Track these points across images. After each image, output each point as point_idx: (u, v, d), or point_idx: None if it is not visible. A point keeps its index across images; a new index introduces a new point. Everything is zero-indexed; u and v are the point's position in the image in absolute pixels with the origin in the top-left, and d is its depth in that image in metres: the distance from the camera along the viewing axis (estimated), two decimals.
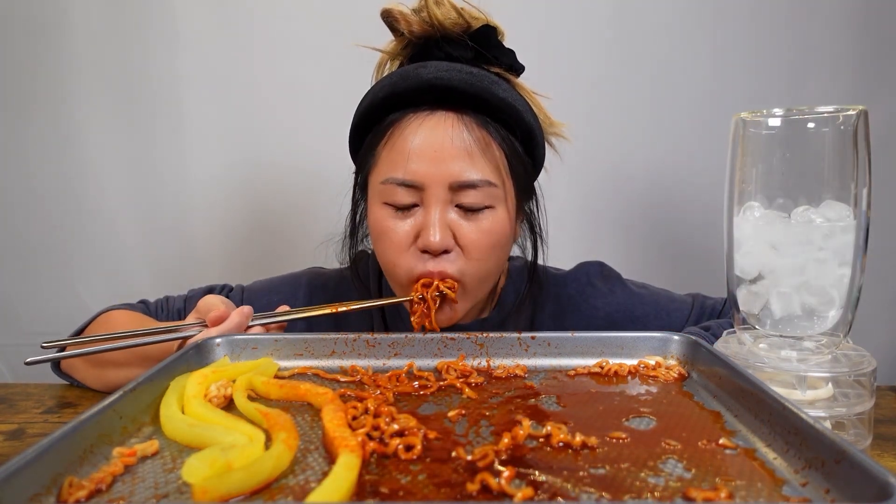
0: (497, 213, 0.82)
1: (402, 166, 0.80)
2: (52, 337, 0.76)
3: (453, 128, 0.80)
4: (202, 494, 0.41)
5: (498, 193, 0.82)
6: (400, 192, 0.80)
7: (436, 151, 0.79)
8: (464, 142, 0.79)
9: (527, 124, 0.84)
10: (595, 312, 0.97)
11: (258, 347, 0.71)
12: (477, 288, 0.86)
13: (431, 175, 0.79)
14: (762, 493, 0.42)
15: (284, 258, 1.29)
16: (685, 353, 0.68)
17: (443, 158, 0.79)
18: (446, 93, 0.80)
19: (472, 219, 0.81)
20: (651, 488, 0.43)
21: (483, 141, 0.81)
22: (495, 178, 0.81)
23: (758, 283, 0.62)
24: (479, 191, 0.80)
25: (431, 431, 0.52)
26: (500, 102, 0.81)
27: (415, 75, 0.81)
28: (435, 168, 0.79)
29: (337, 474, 0.43)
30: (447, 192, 0.80)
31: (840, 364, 0.60)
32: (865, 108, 0.58)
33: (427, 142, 0.79)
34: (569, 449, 0.49)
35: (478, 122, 0.81)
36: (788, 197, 0.61)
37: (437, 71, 0.80)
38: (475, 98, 0.80)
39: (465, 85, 0.79)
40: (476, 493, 0.42)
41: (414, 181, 0.79)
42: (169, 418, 0.53)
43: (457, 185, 0.79)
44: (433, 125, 0.80)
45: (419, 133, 0.80)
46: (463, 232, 0.81)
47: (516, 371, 0.67)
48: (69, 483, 0.43)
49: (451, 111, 0.81)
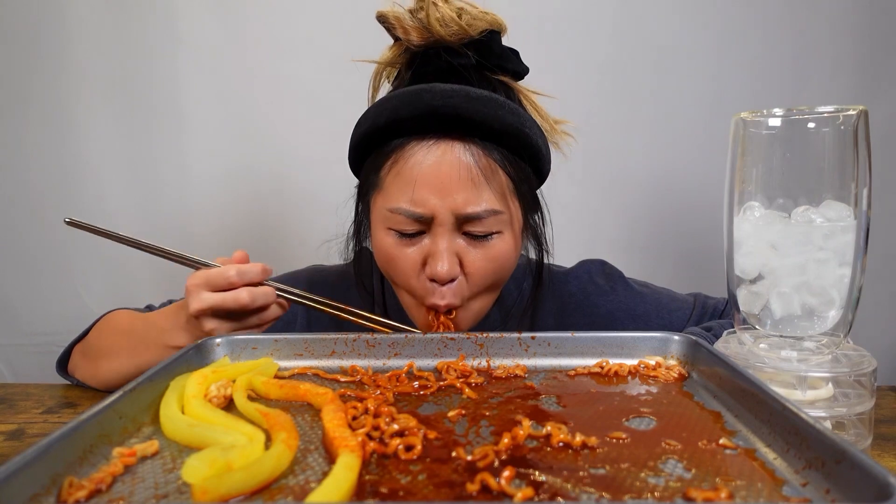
0: (503, 238, 0.82)
1: (408, 196, 0.78)
2: (52, 337, 0.76)
3: (459, 158, 0.78)
4: (202, 495, 0.41)
5: (504, 219, 0.81)
6: (407, 221, 0.79)
7: (442, 182, 0.77)
8: (470, 172, 0.78)
9: (533, 145, 0.82)
10: (596, 310, 0.97)
11: (258, 347, 0.71)
12: (477, 308, 0.87)
13: (438, 206, 0.78)
14: (762, 493, 0.42)
15: (285, 259, 1.29)
16: (685, 354, 0.68)
17: (449, 189, 0.77)
18: (452, 120, 0.77)
19: (478, 246, 0.81)
20: (651, 488, 0.43)
21: (489, 168, 0.79)
22: (501, 205, 0.80)
23: (758, 283, 0.62)
24: (485, 221, 0.79)
25: (431, 431, 0.52)
26: (507, 128, 0.78)
27: (418, 100, 0.77)
28: (441, 199, 0.77)
29: (337, 474, 0.43)
30: (453, 221, 0.79)
31: (840, 364, 0.60)
32: (866, 107, 0.58)
33: (433, 172, 0.77)
34: (569, 449, 0.49)
35: (484, 150, 0.79)
36: (789, 197, 0.61)
37: (442, 97, 0.77)
38: (482, 125, 0.77)
39: (472, 113, 0.76)
40: (476, 494, 0.42)
41: (422, 214, 0.78)
42: (169, 418, 0.53)
43: (463, 218, 0.78)
44: (440, 155, 0.78)
45: (425, 162, 0.78)
46: (469, 259, 0.81)
47: (516, 371, 0.67)
48: (69, 483, 0.43)
49: (456, 139, 0.78)
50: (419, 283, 0.82)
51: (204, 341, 0.69)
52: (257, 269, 0.77)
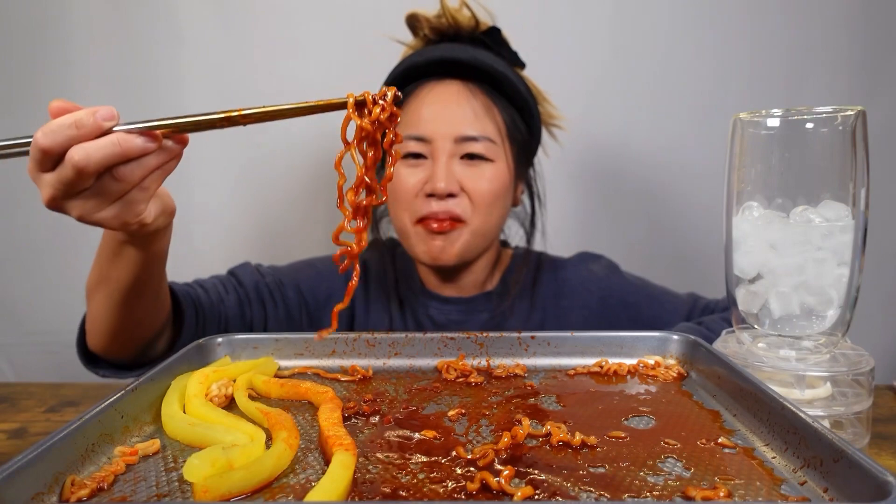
0: (497, 167, 0.94)
1: (414, 125, 0.92)
2: (54, 336, 0.76)
3: (459, 93, 0.93)
4: (203, 493, 0.41)
5: (497, 150, 0.94)
6: (411, 144, 0.92)
7: (444, 111, 0.93)
8: (468, 104, 0.93)
9: (523, 97, 0.96)
10: (590, 296, 1.02)
11: (259, 347, 0.71)
12: (481, 229, 0.94)
13: (439, 130, 0.91)
14: (761, 491, 0.43)
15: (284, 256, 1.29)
16: (684, 353, 0.68)
17: (450, 117, 0.92)
18: (454, 65, 0.94)
19: (474, 167, 0.92)
20: (650, 487, 0.43)
21: (485, 105, 0.94)
22: (495, 136, 0.94)
23: (756, 282, 0.62)
24: (481, 143, 0.92)
25: (431, 431, 0.52)
26: (499, 75, 0.94)
27: (428, 52, 0.96)
28: (442, 124, 0.91)
29: (333, 473, 0.43)
30: (453, 146, 0.91)
31: (838, 363, 0.60)
32: (864, 108, 0.58)
33: (437, 103, 0.93)
34: (568, 448, 0.49)
35: (481, 89, 0.94)
36: (787, 197, 0.61)
37: (451, 50, 0.95)
38: (479, 70, 0.93)
39: (470, 59, 0.93)
40: (476, 493, 0.43)
41: (423, 135, 0.92)
42: (170, 417, 0.54)
43: (461, 138, 0.91)
44: (442, 91, 0.94)
45: (430, 97, 0.94)
46: (467, 178, 0.92)
47: (516, 370, 0.67)
48: (71, 482, 0.43)
49: (460, 81, 0.94)
50: (419, 201, 0.92)
51: (205, 341, 0.69)
52: (87, 115, 0.54)
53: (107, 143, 0.53)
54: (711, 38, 1.32)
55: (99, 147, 0.53)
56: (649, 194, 1.37)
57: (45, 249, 1.40)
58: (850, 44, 1.29)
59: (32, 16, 1.33)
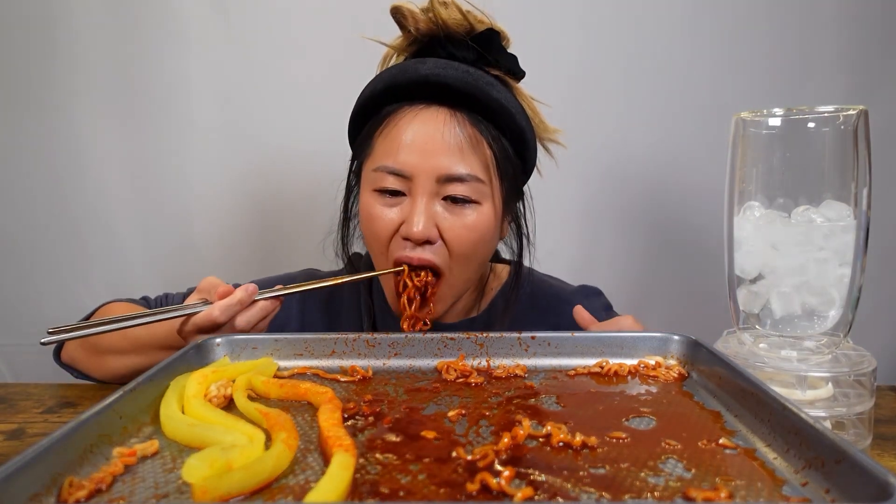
0: (482, 210, 0.84)
1: (393, 155, 0.82)
2: None
3: (445, 123, 0.82)
4: (202, 494, 0.41)
5: (485, 190, 0.83)
6: (389, 179, 0.82)
7: (427, 144, 0.81)
8: (455, 137, 0.81)
9: (518, 126, 0.85)
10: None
11: (258, 347, 0.71)
12: (459, 281, 0.87)
13: (420, 166, 0.81)
14: (762, 492, 0.42)
15: (284, 258, 1.29)
16: (685, 353, 0.68)
17: (433, 151, 0.81)
18: (441, 89, 0.82)
19: (457, 213, 0.83)
20: (651, 488, 0.43)
21: (474, 138, 0.82)
22: (483, 174, 0.83)
23: (758, 282, 0.62)
24: (466, 185, 0.82)
25: (431, 432, 0.52)
26: (492, 102, 0.82)
27: (413, 70, 0.83)
28: (424, 160, 0.81)
29: (332, 474, 0.43)
30: (434, 185, 0.81)
31: (840, 364, 0.60)
32: (865, 107, 0.58)
33: (419, 134, 0.81)
34: (569, 449, 0.49)
35: (470, 119, 0.83)
36: (788, 197, 0.61)
37: (434, 67, 0.82)
38: (469, 96, 0.82)
39: (459, 83, 0.81)
40: (476, 493, 0.42)
41: (403, 170, 0.81)
42: (169, 418, 0.53)
43: (444, 178, 0.81)
44: (426, 119, 0.82)
45: (412, 125, 0.82)
46: (447, 225, 0.82)
47: (516, 371, 0.67)
48: (69, 483, 0.43)
49: (445, 107, 0.83)
50: (394, 243, 0.83)
51: (204, 341, 0.69)
52: (241, 297, 0.75)
53: (257, 310, 0.76)
54: (712, 38, 1.32)
55: (253, 314, 0.76)
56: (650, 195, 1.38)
57: (43, 250, 1.40)
58: (851, 43, 1.29)
59: (31, 16, 1.33)
